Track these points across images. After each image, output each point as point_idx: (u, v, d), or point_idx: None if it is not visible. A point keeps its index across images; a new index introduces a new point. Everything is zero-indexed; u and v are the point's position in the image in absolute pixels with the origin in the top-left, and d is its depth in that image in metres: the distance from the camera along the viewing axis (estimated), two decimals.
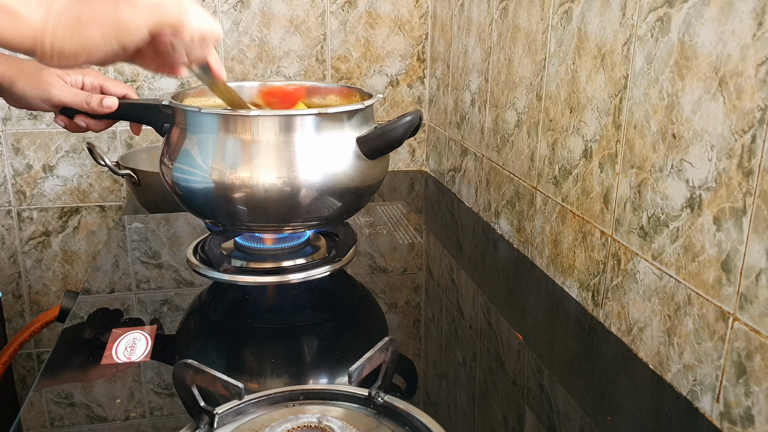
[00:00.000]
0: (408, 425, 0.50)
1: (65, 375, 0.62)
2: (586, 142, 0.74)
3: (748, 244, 0.51)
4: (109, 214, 1.31)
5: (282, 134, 0.69)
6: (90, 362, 0.63)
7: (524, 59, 0.89)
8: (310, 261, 0.80)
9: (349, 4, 1.28)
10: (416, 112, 0.71)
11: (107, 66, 0.83)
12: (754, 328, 0.51)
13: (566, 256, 0.80)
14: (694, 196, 0.57)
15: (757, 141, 0.50)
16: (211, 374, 0.49)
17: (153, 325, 0.69)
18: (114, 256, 0.89)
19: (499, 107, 0.99)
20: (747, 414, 0.52)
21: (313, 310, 0.76)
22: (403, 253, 0.92)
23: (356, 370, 0.51)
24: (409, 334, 0.72)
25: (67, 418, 0.57)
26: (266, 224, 0.74)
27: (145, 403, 0.58)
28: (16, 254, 1.29)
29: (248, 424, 0.50)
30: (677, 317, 0.60)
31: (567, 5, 0.77)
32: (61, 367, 0.63)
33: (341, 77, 1.32)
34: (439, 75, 1.28)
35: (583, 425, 0.57)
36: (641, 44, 0.63)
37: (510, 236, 0.96)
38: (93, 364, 0.63)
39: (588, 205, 0.74)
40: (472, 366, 0.67)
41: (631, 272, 0.67)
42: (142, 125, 0.83)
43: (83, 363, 0.64)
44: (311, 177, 0.69)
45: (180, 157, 0.72)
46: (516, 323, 0.73)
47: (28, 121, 1.22)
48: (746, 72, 0.50)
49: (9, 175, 1.24)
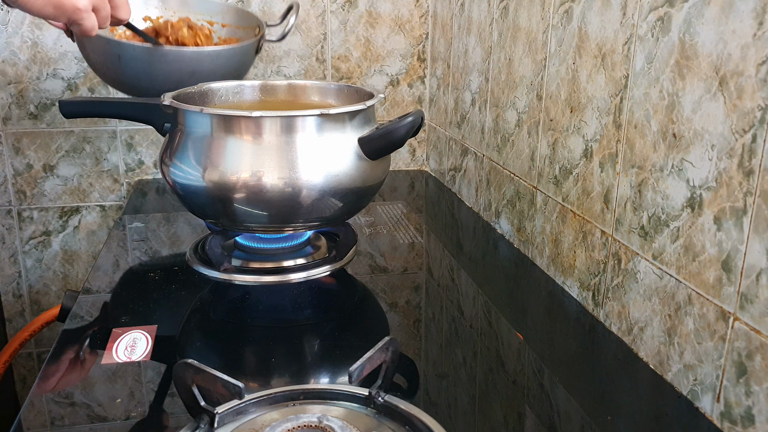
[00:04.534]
0: (408, 425, 0.50)
1: (65, 375, 0.62)
2: (587, 141, 0.74)
3: (749, 243, 0.51)
4: (110, 214, 1.31)
5: (283, 135, 0.69)
6: (90, 362, 0.63)
7: (525, 59, 0.89)
8: (311, 261, 0.80)
9: (350, 3, 1.28)
10: (418, 112, 0.71)
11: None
12: (754, 327, 0.51)
13: (567, 255, 0.80)
14: (695, 196, 0.57)
15: (757, 141, 0.50)
16: (211, 374, 0.49)
17: (153, 325, 0.69)
18: (114, 255, 0.89)
19: (499, 107, 0.99)
20: (747, 414, 0.52)
21: (314, 310, 0.76)
22: (403, 253, 0.92)
23: (356, 369, 0.51)
24: (410, 334, 0.72)
25: (68, 417, 0.57)
26: (267, 225, 0.74)
27: (145, 403, 0.58)
28: (17, 254, 1.29)
29: (248, 424, 0.50)
30: (678, 317, 0.60)
31: (567, 5, 0.77)
32: (61, 367, 0.63)
33: (341, 77, 1.32)
34: (440, 74, 1.28)
35: (584, 425, 0.57)
36: (642, 44, 0.63)
37: (510, 236, 0.96)
38: (93, 363, 0.63)
39: (588, 205, 0.74)
40: (472, 365, 0.67)
41: (631, 272, 0.67)
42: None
43: (83, 363, 0.64)
44: (313, 178, 0.69)
45: (180, 157, 0.72)
46: (516, 323, 0.73)
47: (28, 121, 1.22)
48: (747, 71, 0.50)
49: (9, 175, 1.24)
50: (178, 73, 0.91)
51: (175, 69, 0.91)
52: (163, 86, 0.85)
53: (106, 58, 0.91)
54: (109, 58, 0.91)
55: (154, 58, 0.89)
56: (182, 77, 0.90)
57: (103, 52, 0.91)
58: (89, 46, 0.92)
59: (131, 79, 0.92)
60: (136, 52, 0.89)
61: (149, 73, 0.90)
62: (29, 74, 1.20)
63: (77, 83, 1.22)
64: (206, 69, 0.92)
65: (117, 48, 0.89)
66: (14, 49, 1.18)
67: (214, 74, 0.93)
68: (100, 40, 0.88)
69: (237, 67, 0.97)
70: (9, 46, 1.18)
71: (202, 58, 0.92)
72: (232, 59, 0.95)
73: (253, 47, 0.98)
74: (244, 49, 0.96)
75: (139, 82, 0.92)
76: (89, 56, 0.94)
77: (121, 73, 0.92)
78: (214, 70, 0.93)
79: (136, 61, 0.89)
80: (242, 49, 0.96)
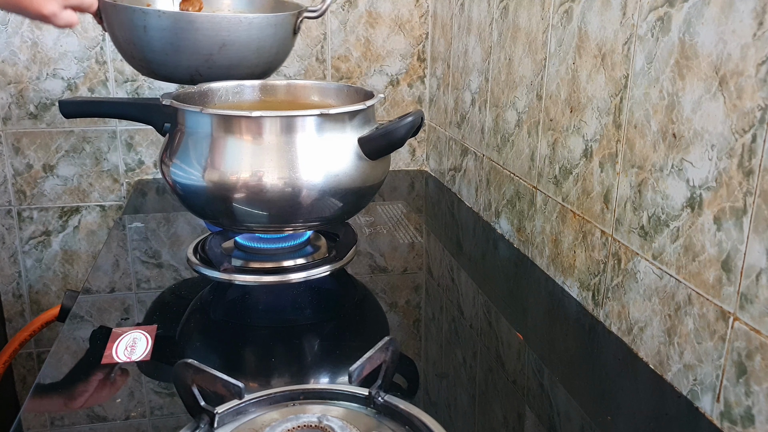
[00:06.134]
0: (408, 425, 0.50)
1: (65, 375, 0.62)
2: (587, 141, 0.74)
3: (749, 243, 0.51)
4: (109, 214, 1.31)
5: (283, 135, 0.69)
6: (90, 362, 0.63)
7: (524, 59, 0.89)
8: (311, 261, 0.80)
9: (350, 3, 1.28)
10: (418, 112, 0.71)
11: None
12: (754, 327, 0.51)
13: (566, 255, 0.80)
14: (695, 196, 0.57)
15: (757, 140, 0.50)
16: (211, 374, 0.49)
17: (153, 325, 0.69)
18: (114, 255, 0.89)
19: (499, 107, 0.99)
20: (747, 414, 0.52)
21: (314, 310, 0.76)
22: (403, 253, 0.92)
23: (356, 369, 0.51)
24: (410, 334, 0.72)
25: (67, 417, 0.57)
26: (267, 225, 0.74)
27: (145, 402, 0.58)
28: (16, 254, 1.29)
29: (248, 424, 0.50)
30: (677, 317, 0.60)
31: (567, 5, 0.77)
32: (61, 367, 0.63)
33: (341, 77, 1.32)
34: (440, 74, 1.28)
35: (583, 425, 0.57)
36: (642, 44, 0.63)
37: (510, 236, 0.96)
38: (93, 363, 0.63)
39: (588, 205, 0.74)
40: (472, 365, 0.67)
41: (631, 272, 0.67)
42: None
43: (83, 363, 0.64)
44: (313, 178, 0.69)
45: (180, 157, 0.72)
46: (516, 323, 0.73)
47: (28, 121, 1.22)
48: (747, 71, 0.50)
49: (9, 175, 1.24)
50: (208, 43, 0.85)
51: (205, 38, 0.85)
52: (191, 61, 0.81)
53: (131, 33, 0.86)
54: (135, 32, 0.85)
55: (181, 26, 0.84)
56: (212, 49, 0.85)
57: (128, 27, 0.86)
58: (115, 22, 0.87)
59: (158, 53, 0.87)
60: (162, 20, 0.84)
61: (176, 45, 0.85)
62: (29, 74, 1.20)
63: (77, 83, 1.22)
64: (238, 40, 0.86)
65: (142, 18, 0.84)
66: (14, 49, 1.18)
67: (247, 48, 0.87)
68: (125, 12, 0.84)
69: (272, 43, 0.90)
70: (9, 46, 1.18)
71: (232, 26, 0.85)
72: (266, 31, 0.88)
73: (290, 23, 0.91)
74: (279, 20, 0.90)
75: (167, 57, 0.87)
76: (115, 34, 0.89)
77: (147, 48, 0.87)
78: (247, 43, 0.87)
79: (163, 31, 0.84)
80: (277, 19, 0.90)
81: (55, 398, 0.59)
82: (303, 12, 0.93)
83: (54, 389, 0.60)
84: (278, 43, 0.92)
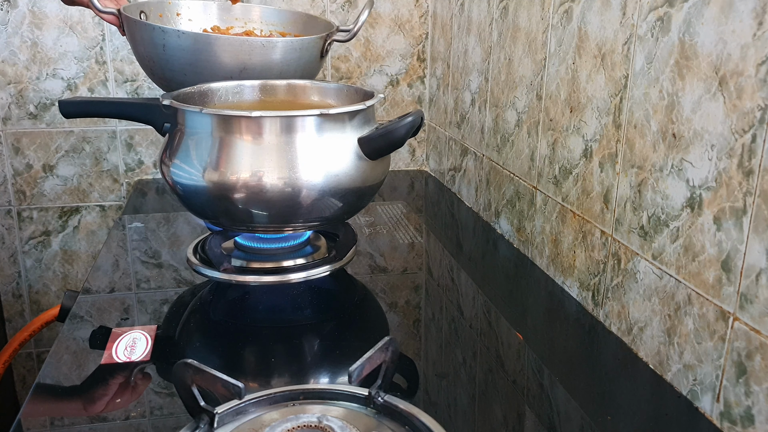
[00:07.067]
0: (408, 425, 0.50)
1: (65, 375, 0.62)
2: (587, 141, 0.74)
3: (749, 243, 0.51)
4: (109, 214, 1.31)
5: (283, 135, 0.69)
6: (90, 362, 0.63)
7: (524, 59, 0.89)
8: (311, 261, 0.80)
9: (350, 3, 1.28)
10: (418, 112, 0.71)
11: None
12: (754, 327, 0.51)
13: (566, 255, 0.80)
14: (695, 196, 0.57)
15: (757, 140, 0.50)
16: (211, 374, 0.49)
17: (153, 325, 0.69)
18: (114, 255, 0.89)
19: (499, 107, 0.99)
20: (747, 414, 0.52)
21: (313, 310, 0.76)
22: (403, 253, 0.92)
23: (356, 369, 0.51)
24: (410, 334, 0.72)
25: (68, 417, 0.57)
26: (267, 225, 0.74)
27: (145, 402, 0.58)
28: (16, 254, 1.29)
29: (248, 424, 0.50)
30: (677, 317, 0.60)
31: (567, 5, 0.77)
32: (61, 367, 0.63)
33: (341, 77, 1.32)
34: (439, 75, 1.28)
35: (583, 425, 0.57)
36: (641, 44, 0.63)
37: (510, 236, 0.96)
38: (93, 363, 0.63)
39: (588, 205, 0.74)
40: (472, 366, 0.67)
41: (631, 272, 0.67)
42: None
43: (83, 363, 0.64)
44: (312, 178, 0.69)
45: (180, 157, 0.72)
46: (516, 323, 0.73)
47: (28, 121, 1.22)
48: (746, 71, 0.50)
49: (9, 175, 1.24)
50: (228, 66, 0.84)
51: (225, 61, 0.84)
52: (209, 81, 0.80)
53: (151, 49, 0.85)
54: (155, 49, 0.85)
55: (200, 47, 0.83)
56: (232, 72, 0.84)
57: (148, 43, 0.85)
58: (138, 37, 0.86)
59: (177, 73, 0.85)
60: (181, 40, 0.83)
61: (195, 65, 0.84)
62: (29, 74, 1.20)
63: (77, 83, 1.22)
64: (258, 63, 0.84)
65: (161, 36, 0.83)
66: (14, 49, 1.18)
67: (269, 72, 0.84)
68: (146, 29, 0.84)
69: (296, 68, 0.88)
70: (9, 46, 1.18)
71: (254, 49, 0.83)
72: (290, 55, 0.85)
73: (317, 46, 0.88)
74: (304, 44, 0.87)
75: (185, 78, 0.85)
76: (137, 49, 0.89)
77: (166, 67, 0.86)
78: (269, 67, 0.85)
79: (182, 51, 0.83)
80: (302, 43, 0.87)
81: (55, 398, 0.59)
82: (332, 34, 0.90)
83: (54, 389, 0.60)
84: (302, 67, 0.90)
